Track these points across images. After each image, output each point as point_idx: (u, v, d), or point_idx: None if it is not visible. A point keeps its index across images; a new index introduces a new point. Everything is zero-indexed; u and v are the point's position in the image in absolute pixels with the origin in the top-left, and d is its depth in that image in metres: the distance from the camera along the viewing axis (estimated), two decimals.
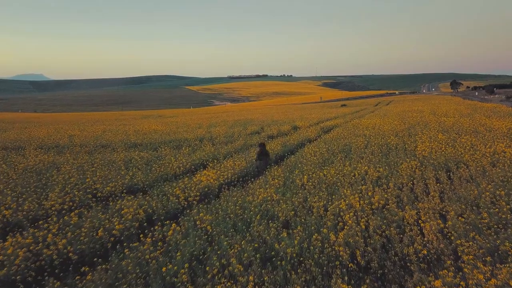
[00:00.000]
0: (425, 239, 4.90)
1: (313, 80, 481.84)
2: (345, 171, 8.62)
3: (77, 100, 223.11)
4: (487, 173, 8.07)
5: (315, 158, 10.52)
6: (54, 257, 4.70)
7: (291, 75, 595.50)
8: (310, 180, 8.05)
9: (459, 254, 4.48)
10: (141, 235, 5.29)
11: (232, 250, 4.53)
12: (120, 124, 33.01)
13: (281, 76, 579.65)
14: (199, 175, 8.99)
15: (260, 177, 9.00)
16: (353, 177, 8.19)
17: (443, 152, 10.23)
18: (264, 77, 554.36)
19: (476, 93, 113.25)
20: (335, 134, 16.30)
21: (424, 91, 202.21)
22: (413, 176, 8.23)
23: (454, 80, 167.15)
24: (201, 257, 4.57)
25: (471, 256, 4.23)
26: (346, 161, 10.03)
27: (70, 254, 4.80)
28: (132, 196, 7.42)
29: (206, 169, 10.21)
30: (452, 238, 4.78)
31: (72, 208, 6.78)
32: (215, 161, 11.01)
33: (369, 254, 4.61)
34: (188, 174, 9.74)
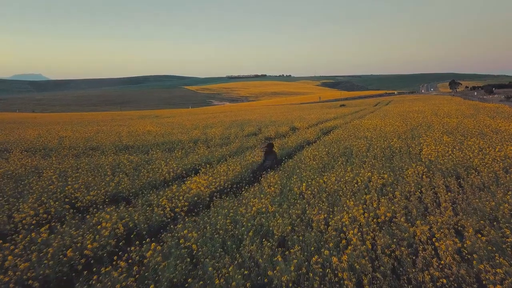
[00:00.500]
0: (442, 262, 4.25)
1: (312, 80, 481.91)
2: (346, 178, 7.96)
3: (76, 100, 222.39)
4: (500, 180, 7.44)
5: (314, 162, 9.87)
6: (10, 285, 4.03)
7: (290, 75, 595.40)
8: (309, 188, 7.40)
9: (484, 282, 3.83)
10: (116, 257, 4.61)
11: (218, 280, 3.86)
12: (115, 124, 32.31)
13: (280, 76, 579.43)
14: (189, 182, 8.32)
15: (255, 184, 8.34)
16: (355, 185, 7.54)
17: (450, 156, 9.59)
18: (263, 77, 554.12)
19: (475, 93, 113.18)
20: (335, 136, 15.66)
21: (422, 91, 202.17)
22: (421, 183, 7.58)
23: (453, 80, 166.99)
24: None
25: (499, 287, 3.58)
26: (348, 166, 9.39)
27: (31, 281, 4.13)
28: (114, 207, 6.75)
29: (198, 174, 9.54)
30: (474, 262, 4.13)
31: (45, 221, 6.10)
32: (208, 166, 10.34)
33: (378, 282, 3.97)
34: (178, 181, 9.07)
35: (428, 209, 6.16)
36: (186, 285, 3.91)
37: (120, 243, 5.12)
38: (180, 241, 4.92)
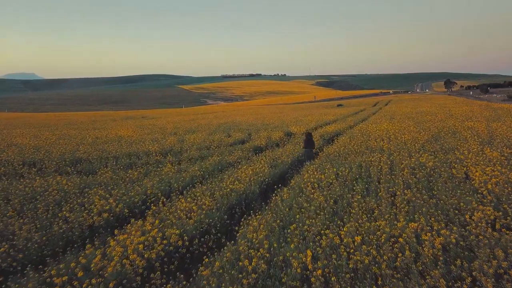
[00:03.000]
0: None
1: (306, 79, 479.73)
2: (378, 235, 4.77)
3: (69, 100, 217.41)
4: None
5: (321, 196, 6.64)
6: None
7: (284, 74, 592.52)
8: (319, 260, 4.20)
9: None
10: None
11: None
12: (89, 128, 28.80)
13: (274, 75, 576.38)
14: (115, 242, 5.04)
15: (227, 245, 5.06)
16: (398, 254, 4.34)
17: None
18: (258, 76, 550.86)
19: (471, 92, 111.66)
20: (340, 146, 12.49)
21: (417, 90, 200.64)
22: (504, 243, 4.43)
23: (448, 80, 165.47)
24: None
25: None
26: (371, 202, 6.21)
27: None
28: None
29: (146, 216, 6.29)
30: None
31: None
32: (164, 200, 7.07)
33: None
34: (109, 230, 5.82)
35: None
36: None
37: None
38: None
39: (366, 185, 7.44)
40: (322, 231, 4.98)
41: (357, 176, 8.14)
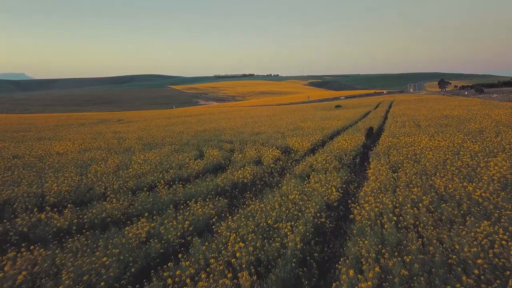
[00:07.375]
0: None
1: (299, 79, 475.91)
2: None
3: (58, 100, 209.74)
4: None
5: None
6: None
7: (277, 75, 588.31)
8: None
9: None
10: None
11: None
12: (33, 138, 22.84)
13: (268, 75, 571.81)
14: None
15: None
16: None
17: None
18: (251, 76, 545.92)
19: (466, 92, 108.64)
20: (386, 189, 6.99)
21: (411, 90, 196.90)
22: None
23: (442, 79, 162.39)
24: None
25: None
26: None
27: None
28: None
29: None
30: None
31: None
32: None
33: None
34: None
35: None
36: None
37: None
38: None
39: None
40: None
41: None
